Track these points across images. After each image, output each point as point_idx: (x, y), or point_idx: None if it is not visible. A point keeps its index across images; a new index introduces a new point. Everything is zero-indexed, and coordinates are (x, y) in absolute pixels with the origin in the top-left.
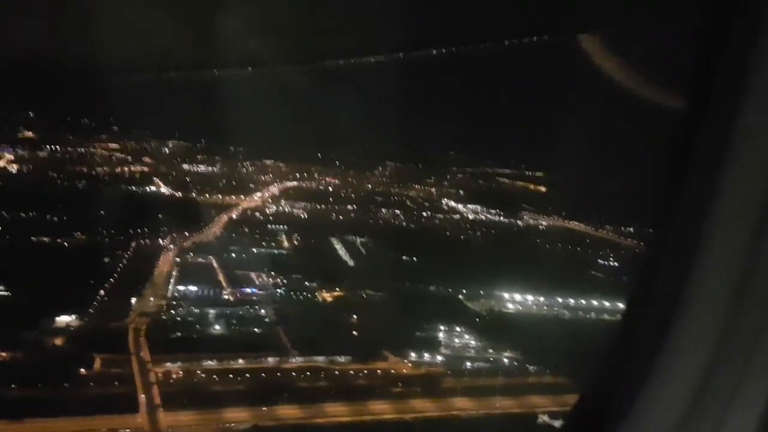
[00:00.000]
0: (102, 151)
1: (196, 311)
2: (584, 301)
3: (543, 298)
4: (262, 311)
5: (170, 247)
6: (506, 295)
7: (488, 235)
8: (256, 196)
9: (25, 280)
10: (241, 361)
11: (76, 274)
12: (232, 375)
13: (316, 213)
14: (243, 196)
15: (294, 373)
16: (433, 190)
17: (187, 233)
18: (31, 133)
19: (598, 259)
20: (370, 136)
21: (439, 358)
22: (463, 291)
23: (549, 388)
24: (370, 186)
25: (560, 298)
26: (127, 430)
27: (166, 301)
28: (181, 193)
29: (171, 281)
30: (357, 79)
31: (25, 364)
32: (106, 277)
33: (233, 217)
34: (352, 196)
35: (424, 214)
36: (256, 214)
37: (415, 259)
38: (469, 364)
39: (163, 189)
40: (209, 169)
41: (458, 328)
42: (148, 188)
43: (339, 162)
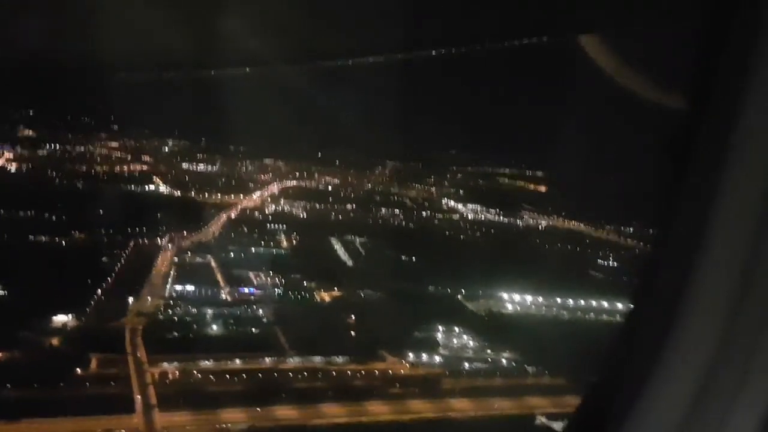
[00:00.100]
0: (101, 150)
1: (194, 311)
2: (583, 302)
3: (542, 299)
4: (260, 311)
5: (169, 246)
6: (505, 296)
7: (488, 235)
8: (256, 195)
9: (23, 280)
10: (237, 361)
11: (74, 273)
12: (228, 375)
13: (315, 212)
14: (242, 196)
15: (291, 374)
16: (433, 189)
17: (186, 232)
18: (31, 132)
19: (597, 259)
20: (370, 136)
21: (438, 358)
22: (462, 291)
23: (548, 389)
24: (369, 185)
25: (559, 299)
26: (123, 431)
27: (164, 300)
28: (180, 192)
29: (169, 281)
30: (357, 79)
31: (21, 364)
32: (103, 277)
33: (232, 216)
34: (352, 195)
35: (424, 214)
36: (256, 213)
37: (414, 259)
38: (467, 365)
39: (162, 188)
40: (209, 168)
41: (457, 329)
42: (147, 187)
43: (339, 161)
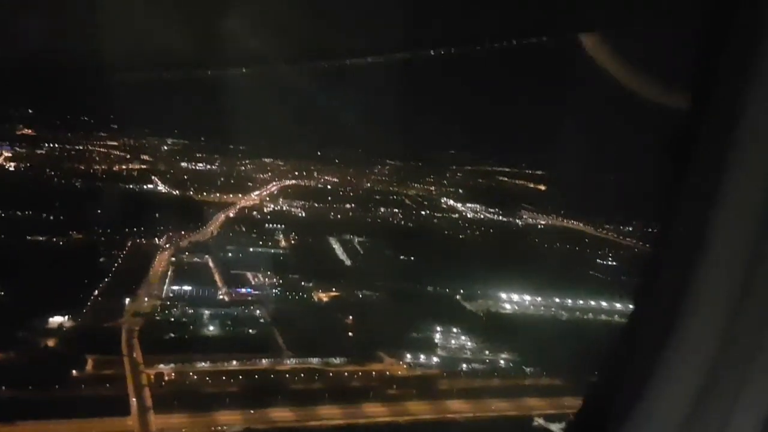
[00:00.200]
0: (100, 149)
1: (191, 312)
2: (583, 302)
3: (541, 299)
4: (257, 312)
5: (166, 246)
6: (504, 296)
7: (487, 235)
8: (255, 194)
9: (19, 280)
10: (234, 362)
11: (71, 273)
12: (225, 377)
13: (314, 212)
14: (241, 195)
15: (288, 375)
16: (433, 188)
17: (184, 232)
18: (30, 131)
19: (597, 259)
20: (370, 136)
21: (435, 359)
22: (461, 291)
23: (546, 390)
24: (369, 185)
25: (559, 299)
26: None
27: (161, 301)
28: (178, 192)
29: (166, 281)
30: (357, 79)
31: (16, 365)
32: (101, 277)
33: (231, 216)
34: (351, 194)
35: (423, 213)
36: (254, 213)
37: (412, 259)
38: (465, 366)
39: (161, 187)
40: (208, 167)
41: (455, 329)
42: (146, 186)
43: (338, 160)
